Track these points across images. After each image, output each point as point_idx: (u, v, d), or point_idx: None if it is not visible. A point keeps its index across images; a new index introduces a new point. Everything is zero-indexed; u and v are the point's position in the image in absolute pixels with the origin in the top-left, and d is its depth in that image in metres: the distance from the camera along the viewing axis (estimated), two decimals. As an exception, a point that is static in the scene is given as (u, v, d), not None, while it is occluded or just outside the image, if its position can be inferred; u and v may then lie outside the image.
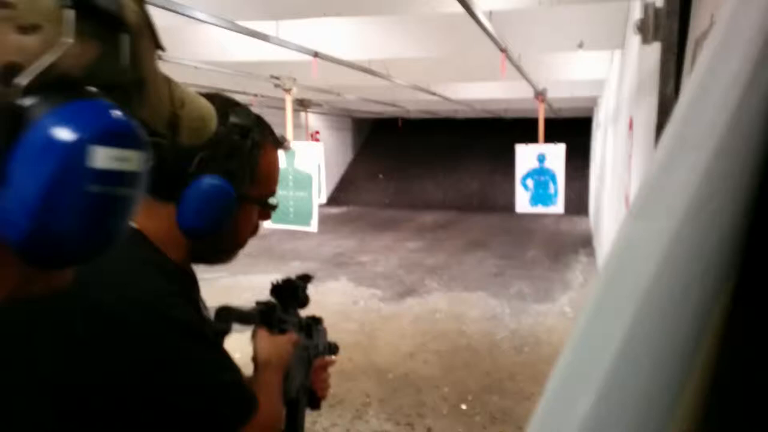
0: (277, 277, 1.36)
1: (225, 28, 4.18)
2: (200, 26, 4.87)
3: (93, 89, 0.54)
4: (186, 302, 1.02)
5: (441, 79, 8.41)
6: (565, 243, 11.52)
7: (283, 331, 1.26)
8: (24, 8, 0.49)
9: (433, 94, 9.13)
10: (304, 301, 1.37)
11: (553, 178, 7.69)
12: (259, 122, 1.11)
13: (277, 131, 1.19)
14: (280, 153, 1.21)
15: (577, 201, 15.07)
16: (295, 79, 6.88)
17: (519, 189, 7.84)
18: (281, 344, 1.22)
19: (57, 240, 0.51)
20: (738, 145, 0.45)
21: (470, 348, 5.81)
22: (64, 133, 0.50)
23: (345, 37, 5.55)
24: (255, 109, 1.13)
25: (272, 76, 6.75)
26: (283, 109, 7.13)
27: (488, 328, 6.42)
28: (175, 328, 0.96)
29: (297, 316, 1.36)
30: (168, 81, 0.74)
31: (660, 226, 0.43)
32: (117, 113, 0.54)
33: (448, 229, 13.52)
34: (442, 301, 7.39)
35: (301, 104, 10.26)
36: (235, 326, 1.19)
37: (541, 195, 7.77)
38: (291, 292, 1.34)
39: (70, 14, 0.51)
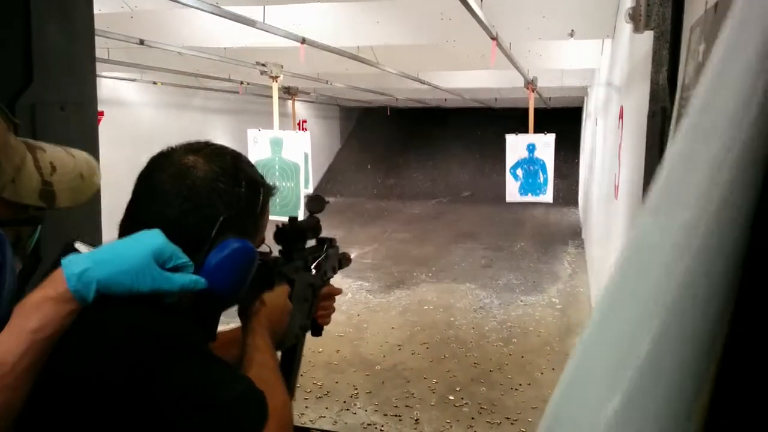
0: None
1: (210, 12, 4.08)
2: (184, 10, 4.76)
3: None
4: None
5: (430, 67, 8.34)
6: (554, 234, 11.54)
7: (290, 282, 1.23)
8: None
9: (423, 82, 9.05)
10: (317, 233, 1.34)
11: (542, 167, 7.70)
12: (260, 174, 1.11)
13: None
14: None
15: (567, 192, 15.09)
16: (281, 66, 6.78)
17: (509, 178, 7.86)
18: (275, 312, 1.15)
19: None
20: (757, 135, 0.42)
21: (458, 339, 5.79)
22: None
23: (333, 23, 5.44)
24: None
25: (258, 63, 6.64)
26: (269, 96, 7.02)
27: (477, 319, 6.40)
28: (171, 346, 0.89)
29: (303, 255, 1.31)
30: (33, 150, 0.71)
31: (679, 221, 0.41)
32: None
33: (437, 219, 13.49)
34: (430, 293, 7.36)
35: (288, 92, 10.13)
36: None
37: (530, 184, 7.77)
38: (298, 236, 1.29)
39: None
